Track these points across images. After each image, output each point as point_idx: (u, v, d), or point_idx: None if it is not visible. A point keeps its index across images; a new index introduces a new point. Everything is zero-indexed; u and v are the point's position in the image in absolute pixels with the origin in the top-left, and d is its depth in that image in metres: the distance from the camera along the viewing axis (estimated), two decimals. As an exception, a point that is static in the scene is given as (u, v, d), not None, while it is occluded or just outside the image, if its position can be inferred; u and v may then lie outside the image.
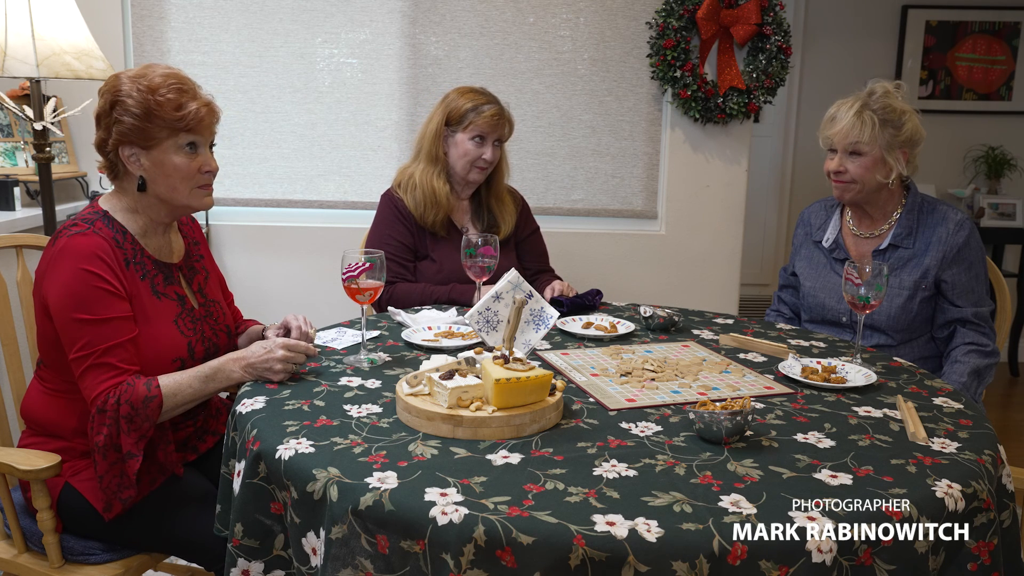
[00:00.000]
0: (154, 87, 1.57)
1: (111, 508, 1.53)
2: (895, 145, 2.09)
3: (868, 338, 2.14)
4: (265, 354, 1.56)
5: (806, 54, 5.13)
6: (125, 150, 1.59)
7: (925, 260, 2.11)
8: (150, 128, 1.57)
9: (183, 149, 1.61)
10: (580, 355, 1.80)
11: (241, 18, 3.02)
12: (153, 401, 1.50)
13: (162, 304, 1.65)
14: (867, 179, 2.11)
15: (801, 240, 2.35)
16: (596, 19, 3.09)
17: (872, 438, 1.37)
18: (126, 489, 1.52)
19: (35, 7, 2.26)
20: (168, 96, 1.57)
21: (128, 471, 1.50)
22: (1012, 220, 4.52)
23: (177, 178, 1.61)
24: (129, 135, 1.57)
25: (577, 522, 1.06)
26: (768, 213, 5.62)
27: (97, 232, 1.57)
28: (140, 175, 1.61)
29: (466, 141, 2.34)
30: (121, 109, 1.57)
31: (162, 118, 1.57)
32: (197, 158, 1.63)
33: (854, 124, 2.08)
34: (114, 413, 1.48)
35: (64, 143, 2.97)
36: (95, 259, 1.53)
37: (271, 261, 3.16)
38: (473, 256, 1.99)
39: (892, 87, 2.12)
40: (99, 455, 1.50)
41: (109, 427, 1.48)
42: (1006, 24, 4.89)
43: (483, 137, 2.34)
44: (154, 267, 1.66)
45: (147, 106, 1.56)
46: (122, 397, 1.49)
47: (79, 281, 1.51)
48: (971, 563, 1.23)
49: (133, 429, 1.49)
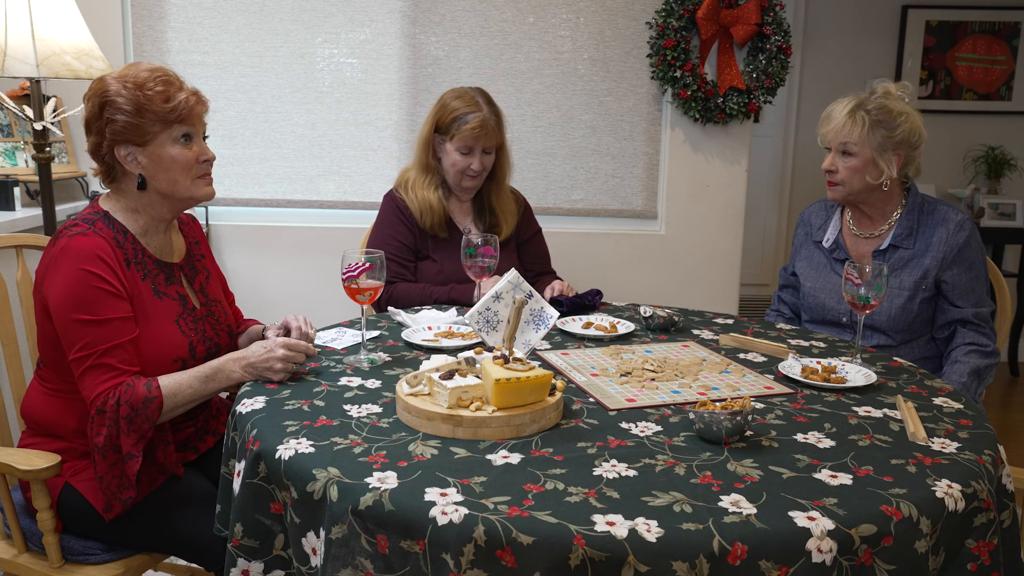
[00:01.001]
0: (141, 82, 1.58)
1: (111, 509, 1.53)
2: (887, 147, 2.08)
3: (868, 338, 2.14)
4: (265, 353, 1.56)
5: (806, 54, 5.13)
6: (121, 150, 1.59)
7: (925, 261, 2.10)
8: (143, 123, 1.57)
9: (178, 141, 1.61)
10: (580, 355, 1.80)
11: (241, 18, 3.02)
12: (153, 402, 1.50)
13: (163, 304, 1.65)
14: (853, 181, 2.11)
15: (801, 240, 2.35)
16: (596, 19, 3.09)
17: (872, 438, 1.37)
18: (126, 490, 1.52)
19: (35, 7, 2.26)
20: (156, 89, 1.58)
21: (128, 471, 1.50)
22: (1012, 220, 4.52)
23: (176, 170, 1.62)
24: (123, 133, 1.58)
25: (577, 522, 1.06)
26: (768, 213, 5.62)
27: (98, 232, 1.57)
28: (139, 173, 1.61)
29: (454, 152, 2.32)
30: (112, 109, 1.57)
31: (153, 111, 1.57)
32: (193, 148, 1.63)
33: (845, 123, 2.09)
34: (114, 414, 1.48)
35: (64, 143, 2.97)
36: (95, 259, 1.53)
37: (271, 261, 3.16)
38: (473, 256, 1.99)
39: (895, 88, 2.12)
40: (99, 455, 1.50)
41: (109, 428, 1.48)
42: (1006, 24, 4.89)
43: (470, 148, 2.31)
44: (155, 266, 1.66)
45: (137, 102, 1.57)
46: (122, 398, 1.49)
47: (79, 281, 1.51)
48: (971, 563, 1.23)
49: (133, 430, 1.49)
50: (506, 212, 2.43)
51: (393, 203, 2.38)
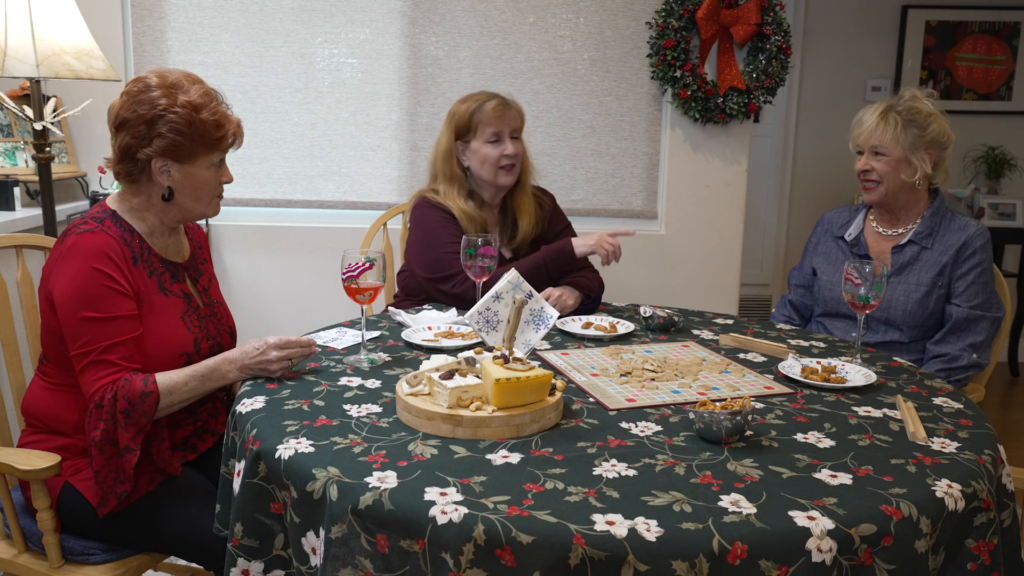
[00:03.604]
0: (197, 106, 1.60)
1: (107, 503, 1.53)
2: (920, 146, 2.17)
3: (881, 333, 2.17)
4: (258, 355, 1.58)
5: (806, 54, 5.13)
6: (158, 162, 1.61)
7: (943, 259, 2.16)
8: (192, 145, 1.61)
9: (213, 165, 1.66)
10: (580, 355, 1.80)
11: (241, 18, 3.02)
12: (150, 396, 1.52)
13: (169, 300, 1.67)
14: (892, 177, 2.18)
15: (819, 238, 2.39)
16: (596, 19, 3.09)
17: (872, 438, 1.37)
18: (122, 484, 1.53)
19: (35, 7, 2.26)
20: (212, 118, 1.62)
21: (125, 466, 1.52)
22: (1012, 220, 4.52)
23: (204, 191, 1.67)
24: (170, 150, 1.60)
25: (577, 521, 1.06)
26: (768, 213, 5.61)
27: (106, 230, 1.59)
28: (168, 185, 1.64)
29: (483, 146, 2.26)
30: (165, 124, 1.58)
31: (204, 137, 1.61)
32: (220, 171, 1.69)
33: (878, 125, 2.17)
34: (111, 408, 1.50)
35: (64, 143, 2.97)
36: (103, 257, 1.55)
37: (271, 261, 3.16)
38: (473, 256, 1.99)
39: (921, 92, 2.21)
40: (96, 449, 1.51)
41: (106, 422, 1.50)
42: (1006, 24, 4.89)
43: (498, 134, 2.26)
44: (161, 265, 1.69)
45: (192, 124, 1.59)
46: (119, 392, 1.50)
47: (87, 279, 1.53)
48: (971, 563, 1.23)
49: (130, 424, 1.50)
50: (524, 214, 2.36)
51: (438, 208, 2.27)
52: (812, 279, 2.37)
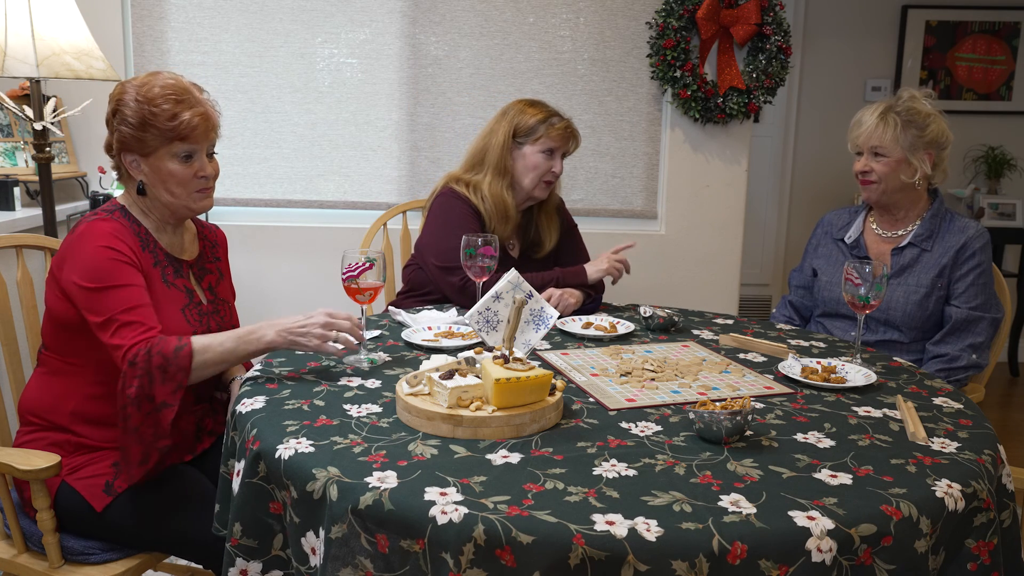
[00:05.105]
0: (151, 98, 1.62)
1: (148, 459, 1.53)
2: (919, 146, 2.17)
3: (881, 333, 2.17)
4: (305, 320, 1.59)
5: (806, 54, 5.12)
6: (126, 156, 1.66)
7: (943, 260, 2.15)
8: (145, 137, 1.63)
9: (177, 157, 1.66)
10: (580, 355, 1.80)
11: (241, 18, 3.02)
12: (183, 350, 1.52)
13: (171, 292, 1.70)
14: (891, 177, 2.18)
15: (819, 239, 2.39)
16: (596, 19, 3.09)
17: (872, 438, 1.37)
18: (162, 439, 1.52)
19: (35, 7, 2.26)
20: (164, 107, 1.62)
21: (163, 420, 1.51)
22: (1012, 220, 4.52)
23: (173, 184, 1.67)
24: (127, 143, 1.65)
25: (577, 521, 1.06)
26: (768, 213, 5.61)
27: (116, 220, 1.66)
28: (140, 180, 1.68)
29: (535, 154, 2.28)
30: (120, 118, 1.64)
31: (156, 128, 1.62)
32: (192, 165, 1.67)
33: (877, 126, 2.17)
34: (145, 364, 1.50)
35: (64, 143, 2.97)
36: (114, 238, 1.61)
37: (271, 261, 3.16)
38: (473, 256, 1.99)
39: (919, 93, 2.20)
40: (133, 407, 1.50)
41: (140, 378, 1.49)
42: (1006, 24, 4.89)
43: (553, 151, 2.29)
44: (166, 259, 1.72)
45: (142, 116, 1.62)
46: (153, 348, 1.51)
47: (100, 255, 1.57)
48: (971, 563, 1.23)
49: (168, 379, 1.51)
50: (551, 229, 2.40)
51: (463, 201, 2.27)
52: (812, 280, 2.37)
